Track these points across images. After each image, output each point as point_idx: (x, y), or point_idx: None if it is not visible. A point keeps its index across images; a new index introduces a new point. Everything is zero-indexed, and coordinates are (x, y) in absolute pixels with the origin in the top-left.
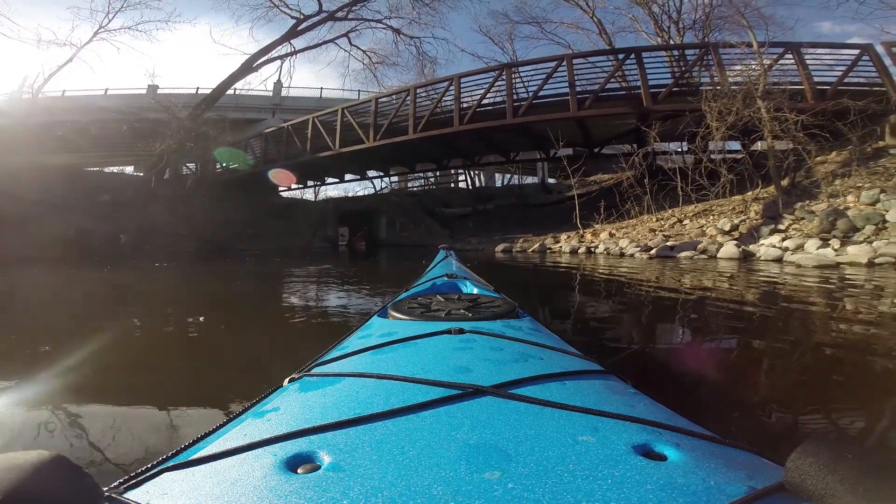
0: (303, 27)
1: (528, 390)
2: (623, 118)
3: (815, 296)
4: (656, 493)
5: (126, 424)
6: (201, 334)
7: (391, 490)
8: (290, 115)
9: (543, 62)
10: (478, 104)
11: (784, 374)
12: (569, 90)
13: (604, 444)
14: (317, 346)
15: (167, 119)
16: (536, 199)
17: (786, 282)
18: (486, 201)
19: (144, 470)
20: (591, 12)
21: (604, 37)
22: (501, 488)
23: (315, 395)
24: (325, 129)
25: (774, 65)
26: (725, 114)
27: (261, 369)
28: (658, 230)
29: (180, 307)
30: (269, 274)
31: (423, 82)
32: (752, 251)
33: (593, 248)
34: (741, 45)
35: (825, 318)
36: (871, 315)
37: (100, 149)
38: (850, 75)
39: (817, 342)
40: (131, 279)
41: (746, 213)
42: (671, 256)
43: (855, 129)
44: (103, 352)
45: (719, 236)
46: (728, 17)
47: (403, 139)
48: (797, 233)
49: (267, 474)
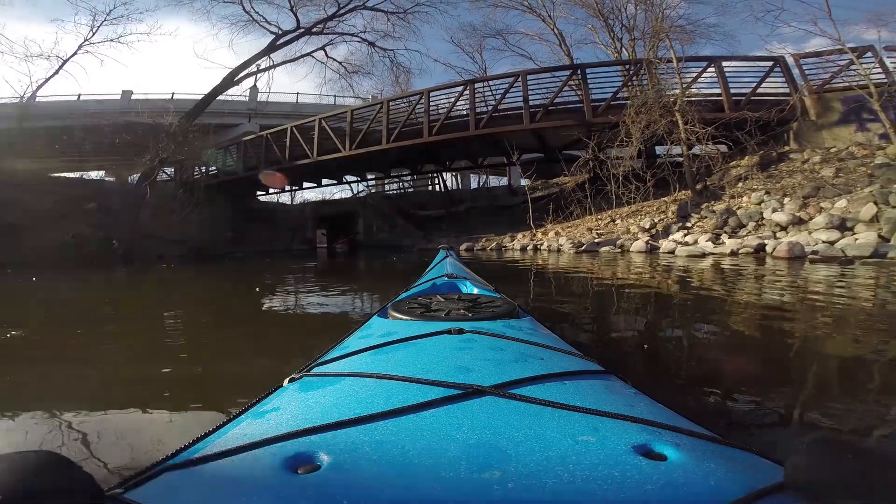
0: (281, 42)
1: (528, 390)
2: (571, 128)
3: (681, 275)
4: (656, 493)
5: (126, 424)
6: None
7: (391, 490)
8: (266, 119)
9: (503, 77)
10: (445, 117)
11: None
12: (523, 105)
13: (604, 444)
14: (328, 330)
15: (154, 128)
16: (504, 201)
17: (660, 265)
18: (459, 203)
19: (145, 470)
20: (553, 24)
21: (563, 48)
22: (501, 488)
23: (315, 395)
24: (303, 138)
25: (699, 77)
26: (646, 125)
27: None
28: (594, 229)
29: (210, 303)
30: (270, 270)
31: (396, 95)
32: (657, 245)
33: (539, 246)
34: (663, 61)
35: (663, 288)
36: (709, 284)
37: (70, 155)
38: (770, 85)
39: (665, 304)
40: (153, 280)
41: (666, 213)
42: (595, 251)
43: (753, 137)
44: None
45: (640, 233)
46: (670, 29)
47: (377, 148)
48: (699, 229)
49: (267, 474)
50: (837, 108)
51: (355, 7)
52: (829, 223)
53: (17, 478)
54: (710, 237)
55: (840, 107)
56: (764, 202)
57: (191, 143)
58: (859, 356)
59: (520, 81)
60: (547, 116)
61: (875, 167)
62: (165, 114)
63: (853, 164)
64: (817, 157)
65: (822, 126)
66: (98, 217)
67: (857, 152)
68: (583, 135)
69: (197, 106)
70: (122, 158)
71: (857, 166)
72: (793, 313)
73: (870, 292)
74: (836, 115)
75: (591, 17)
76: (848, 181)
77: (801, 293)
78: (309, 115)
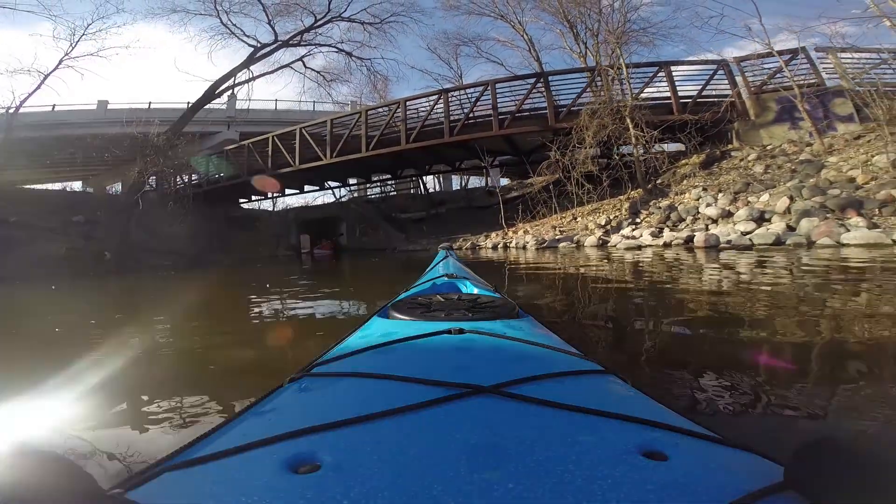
0: (260, 55)
1: (528, 390)
2: (536, 133)
3: (621, 262)
4: (657, 493)
5: (126, 424)
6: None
7: (391, 490)
8: (246, 127)
9: (474, 86)
10: (421, 125)
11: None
12: (492, 112)
13: (604, 444)
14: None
15: (140, 141)
16: (481, 202)
17: (600, 258)
18: (439, 205)
19: (145, 470)
20: (523, 30)
21: (533, 53)
22: (501, 488)
23: (315, 395)
24: (284, 147)
25: (650, 83)
26: (597, 129)
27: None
28: (558, 227)
29: (215, 305)
30: (265, 275)
31: (375, 105)
32: (608, 240)
33: (509, 244)
34: (614, 68)
35: (598, 271)
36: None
37: (45, 166)
38: (716, 86)
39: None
40: (151, 287)
41: (620, 210)
42: (555, 247)
43: (693, 139)
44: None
45: (596, 229)
46: (626, 34)
47: (358, 156)
48: (647, 224)
49: (267, 474)
50: (773, 108)
51: (332, 19)
52: (749, 216)
53: (17, 478)
54: (654, 231)
55: (775, 107)
56: (701, 198)
57: (178, 155)
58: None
59: (489, 90)
60: (515, 123)
61: (798, 163)
62: (149, 124)
63: (782, 160)
64: (753, 154)
65: (759, 125)
66: (88, 229)
67: (789, 149)
68: (547, 139)
69: (181, 119)
70: (99, 169)
71: (785, 163)
72: (683, 287)
73: (761, 273)
74: (771, 114)
75: (558, 22)
76: (774, 177)
77: (687, 273)
78: (288, 121)
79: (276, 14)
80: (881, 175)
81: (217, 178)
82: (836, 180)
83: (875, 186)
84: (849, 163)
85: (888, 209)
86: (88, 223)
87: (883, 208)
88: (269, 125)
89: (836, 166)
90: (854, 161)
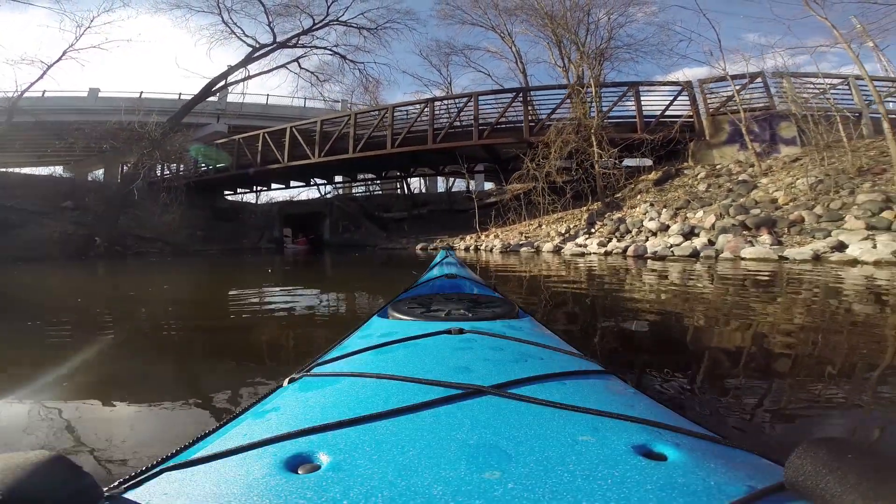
0: (257, 55)
1: (528, 390)
2: (513, 145)
3: (568, 267)
4: (656, 493)
5: (126, 424)
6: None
7: (391, 490)
8: (235, 120)
9: (458, 97)
10: (406, 131)
11: None
12: (473, 123)
13: (604, 444)
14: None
15: (134, 132)
16: (462, 205)
17: (548, 261)
18: (421, 207)
19: (144, 470)
20: (512, 42)
21: (519, 65)
22: (501, 488)
23: (315, 395)
24: (274, 144)
25: (618, 102)
26: (562, 145)
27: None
28: (524, 233)
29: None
30: (250, 264)
31: (364, 109)
32: (562, 246)
33: (480, 246)
34: (584, 87)
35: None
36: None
37: (32, 150)
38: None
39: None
40: (159, 272)
41: (580, 220)
42: (517, 251)
43: (648, 157)
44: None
45: (556, 237)
46: (604, 52)
47: (345, 157)
48: (599, 234)
49: (267, 474)
50: (726, 129)
51: (329, 22)
52: (681, 230)
53: (17, 478)
54: (602, 241)
55: (728, 128)
56: (647, 213)
57: (174, 147)
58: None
59: (472, 102)
60: (494, 133)
61: (736, 183)
62: (147, 114)
63: (724, 179)
64: (703, 173)
65: (713, 145)
66: (77, 214)
67: (734, 169)
68: (522, 151)
69: (178, 113)
70: (82, 155)
71: (725, 182)
72: (597, 283)
73: (673, 278)
74: (724, 135)
75: (544, 36)
76: (713, 195)
77: (609, 273)
78: (277, 116)
79: (275, 15)
80: (800, 197)
81: (206, 169)
82: (762, 200)
83: (791, 207)
84: (776, 184)
85: (795, 228)
86: (77, 209)
87: (791, 227)
88: (259, 119)
89: (765, 187)
90: (781, 183)
